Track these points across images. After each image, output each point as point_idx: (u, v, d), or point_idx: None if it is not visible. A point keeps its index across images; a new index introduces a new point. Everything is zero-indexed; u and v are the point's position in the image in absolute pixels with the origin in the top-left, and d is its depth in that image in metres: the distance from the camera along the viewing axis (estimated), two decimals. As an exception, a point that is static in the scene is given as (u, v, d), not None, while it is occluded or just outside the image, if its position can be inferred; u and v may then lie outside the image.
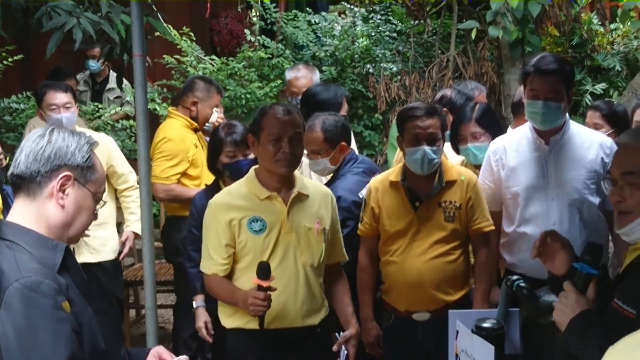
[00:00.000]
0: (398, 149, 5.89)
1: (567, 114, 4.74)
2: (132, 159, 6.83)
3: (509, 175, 4.75)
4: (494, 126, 5.22)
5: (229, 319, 4.29)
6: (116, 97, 9.62)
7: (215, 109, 6.33)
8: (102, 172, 2.90)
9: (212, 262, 4.25)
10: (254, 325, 4.14)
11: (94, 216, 2.90)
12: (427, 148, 4.48)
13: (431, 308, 4.55)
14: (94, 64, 9.52)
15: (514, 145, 4.80)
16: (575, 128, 4.77)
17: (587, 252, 3.12)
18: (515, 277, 3.58)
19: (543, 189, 4.65)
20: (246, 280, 4.18)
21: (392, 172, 4.74)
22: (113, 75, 9.59)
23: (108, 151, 6.21)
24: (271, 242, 4.17)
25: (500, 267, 4.90)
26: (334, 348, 4.25)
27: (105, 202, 2.98)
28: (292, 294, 4.14)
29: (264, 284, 3.93)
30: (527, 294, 3.45)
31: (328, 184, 4.95)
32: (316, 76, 6.75)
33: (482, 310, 4.05)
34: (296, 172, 4.36)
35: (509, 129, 5.62)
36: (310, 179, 5.08)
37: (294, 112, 4.24)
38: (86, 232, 2.94)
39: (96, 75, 9.75)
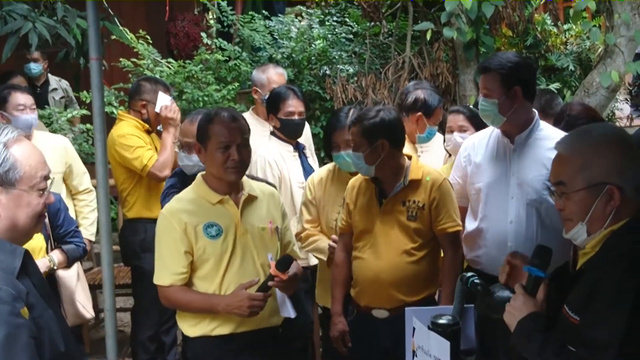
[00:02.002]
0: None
1: (535, 114, 4.80)
2: (89, 163, 6.83)
3: (474, 172, 4.81)
4: None
5: (193, 328, 4.26)
6: (61, 98, 9.56)
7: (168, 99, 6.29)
8: (32, 161, 2.83)
9: (168, 272, 4.21)
10: (220, 331, 4.18)
11: (43, 205, 2.87)
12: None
13: (388, 306, 4.60)
14: (35, 67, 9.36)
15: (483, 142, 4.86)
16: (545, 128, 4.79)
17: (536, 256, 3.20)
18: (469, 274, 3.62)
19: (504, 187, 4.70)
20: (208, 288, 4.21)
21: None
22: (52, 77, 9.55)
23: (65, 152, 6.21)
24: (229, 246, 4.19)
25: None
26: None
27: (53, 178, 2.97)
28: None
29: (283, 276, 4.05)
30: (482, 290, 3.50)
31: None
32: (285, 74, 6.83)
33: (438, 307, 4.10)
34: None
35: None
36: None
37: (240, 118, 4.28)
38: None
39: (35, 80, 9.65)
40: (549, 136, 4.75)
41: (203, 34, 10.22)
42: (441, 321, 3.51)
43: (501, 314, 3.29)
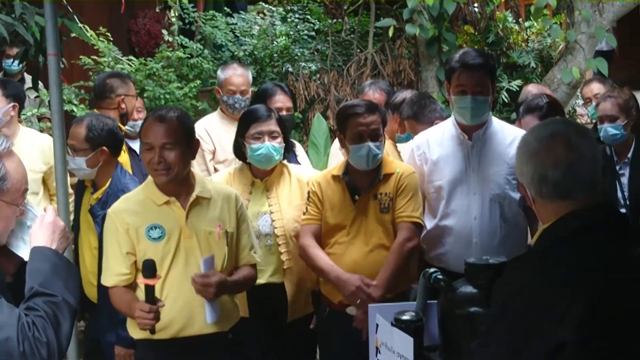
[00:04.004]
0: (333, 145, 5.94)
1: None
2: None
3: (432, 170, 4.79)
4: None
5: (136, 330, 4.10)
6: (36, 97, 9.45)
7: (137, 109, 6.27)
8: (19, 175, 2.82)
9: (112, 273, 4.13)
10: (161, 335, 4.04)
11: (14, 219, 2.86)
12: (371, 144, 4.53)
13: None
14: (15, 64, 9.22)
15: (438, 140, 4.84)
16: (497, 124, 4.83)
17: None
18: (432, 270, 3.61)
19: (465, 184, 4.70)
20: None
21: (335, 168, 4.79)
22: (28, 76, 9.43)
23: (50, 152, 6.17)
24: (171, 249, 4.08)
25: None
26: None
27: (27, 203, 2.96)
28: (198, 301, 4.04)
29: (151, 282, 3.80)
30: (445, 285, 3.49)
31: (110, 202, 4.65)
32: (250, 74, 6.71)
33: (401, 304, 4.08)
34: (197, 174, 4.32)
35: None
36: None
37: (170, 119, 4.08)
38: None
39: (12, 77, 9.54)
40: (502, 129, 4.81)
41: (164, 31, 10.16)
42: (404, 317, 3.50)
43: (465, 309, 3.30)
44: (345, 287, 4.54)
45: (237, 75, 6.44)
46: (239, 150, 4.95)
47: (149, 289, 3.82)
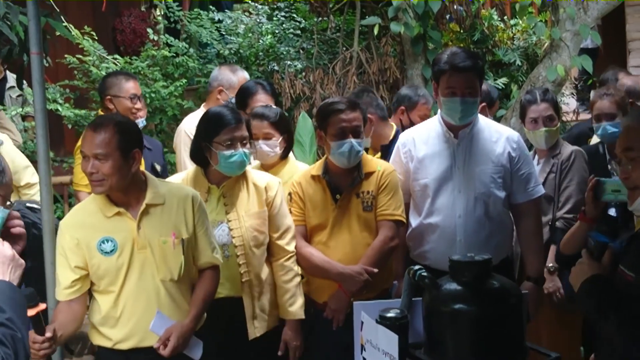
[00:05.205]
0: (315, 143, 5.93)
1: None
2: (34, 160, 6.73)
3: (417, 167, 4.80)
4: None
5: (96, 336, 4.11)
6: (18, 96, 9.41)
7: (138, 106, 6.17)
8: (11, 173, 2.90)
9: (60, 288, 4.02)
10: (121, 346, 4.02)
11: None
12: (353, 141, 4.53)
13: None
14: None
15: (423, 138, 4.85)
16: (483, 121, 4.84)
17: (603, 223, 3.30)
18: (417, 267, 3.62)
19: (450, 182, 4.71)
20: (105, 302, 4.02)
21: (314, 167, 4.80)
22: (11, 75, 9.40)
23: (15, 152, 6.15)
24: (125, 262, 3.98)
25: None
26: None
27: (13, 203, 2.97)
28: (155, 312, 3.98)
29: (31, 312, 3.49)
30: (429, 283, 3.49)
31: None
32: None
33: (386, 301, 4.09)
34: (150, 177, 4.16)
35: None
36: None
37: (105, 129, 3.91)
38: None
39: None
40: (488, 127, 4.82)
41: (150, 30, 10.12)
42: (389, 315, 3.50)
43: (449, 306, 3.30)
44: (351, 282, 4.56)
45: (246, 78, 6.44)
46: (199, 154, 4.69)
47: (34, 319, 3.59)
